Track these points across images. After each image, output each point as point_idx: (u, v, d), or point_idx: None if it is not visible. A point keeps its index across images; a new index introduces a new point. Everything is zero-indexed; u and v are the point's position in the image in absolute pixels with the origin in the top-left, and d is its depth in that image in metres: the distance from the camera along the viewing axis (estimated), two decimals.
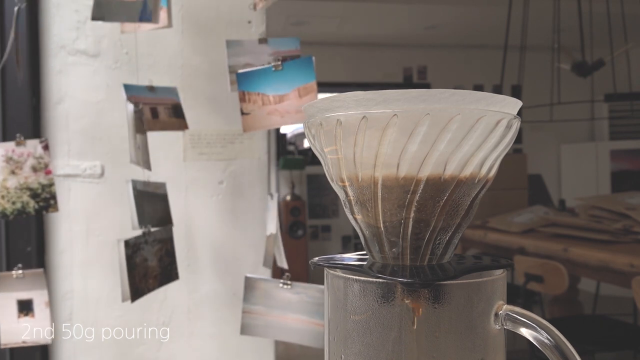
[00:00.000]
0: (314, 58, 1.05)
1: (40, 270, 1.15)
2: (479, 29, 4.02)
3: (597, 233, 2.19)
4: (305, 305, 1.15)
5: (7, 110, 1.32)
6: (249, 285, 1.18)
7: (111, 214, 1.36)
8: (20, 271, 1.12)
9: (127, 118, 1.13)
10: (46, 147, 1.14)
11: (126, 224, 1.18)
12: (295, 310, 1.16)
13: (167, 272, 1.20)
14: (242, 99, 1.10)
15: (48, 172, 1.13)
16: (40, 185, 1.12)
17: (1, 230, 1.34)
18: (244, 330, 1.18)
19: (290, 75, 1.07)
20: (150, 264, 1.15)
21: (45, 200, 1.12)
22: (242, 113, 1.10)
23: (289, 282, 1.16)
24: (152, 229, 1.16)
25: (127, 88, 1.18)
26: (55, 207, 1.13)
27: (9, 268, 1.30)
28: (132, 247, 1.11)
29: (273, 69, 1.08)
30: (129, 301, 1.09)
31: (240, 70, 1.11)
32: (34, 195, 1.12)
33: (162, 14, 1.14)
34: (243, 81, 1.10)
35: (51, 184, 1.13)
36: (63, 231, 1.36)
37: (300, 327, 1.16)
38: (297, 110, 1.06)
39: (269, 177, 1.43)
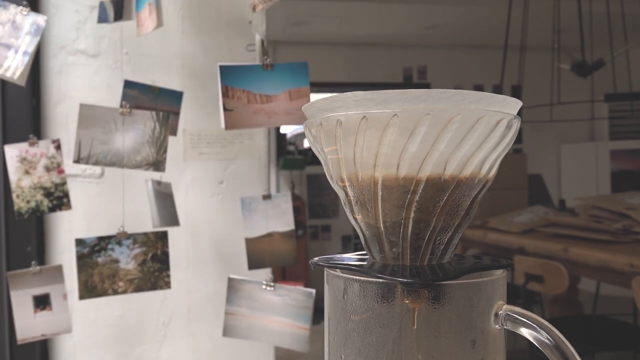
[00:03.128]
0: (308, 63, 1.05)
1: (59, 265, 1.18)
2: (479, 29, 4.02)
3: (597, 233, 2.19)
4: (288, 308, 1.13)
5: (7, 110, 1.32)
6: (232, 286, 1.16)
7: (111, 214, 1.36)
8: (37, 267, 1.15)
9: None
10: (58, 147, 1.16)
11: (126, 224, 1.19)
12: (278, 313, 1.14)
13: (151, 279, 1.17)
14: (225, 94, 1.04)
15: (61, 172, 1.16)
16: (53, 184, 1.15)
17: (1, 230, 1.34)
18: (227, 332, 1.16)
19: (281, 76, 1.05)
20: (122, 266, 1.15)
21: (58, 198, 1.15)
22: (225, 109, 1.04)
23: (271, 283, 1.14)
24: (130, 232, 1.16)
25: (128, 84, 1.18)
26: (68, 205, 1.15)
27: (9, 268, 1.31)
28: (90, 246, 1.13)
29: (262, 68, 1.06)
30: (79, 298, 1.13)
31: (222, 63, 1.06)
32: (48, 194, 1.14)
33: (154, 14, 1.14)
34: (227, 75, 1.05)
35: (64, 183, 1.15)
36: (63, 231, 1.36)
37: (283, 330, 1.14)
38: (287, 112, 1.03)
39: (268, 177, 1.43)
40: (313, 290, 1.13)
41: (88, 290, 1.13)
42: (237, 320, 1.16)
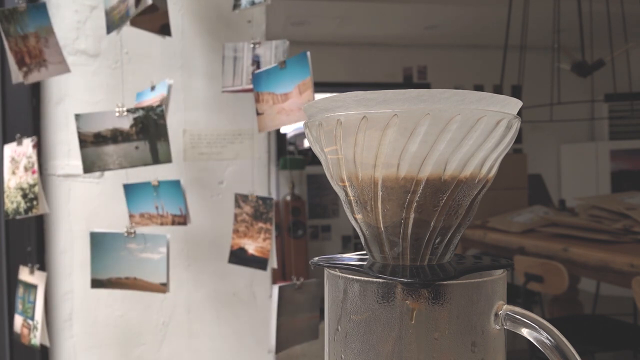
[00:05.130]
0: (309, 53, 1.05)
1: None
2: (479, 29, 4.02)
3: (597, 233, 2.19)
4: (309, 302, 1.17)
5: (7, 110, 1.32)
6: (283, 296, 1.14)
7: (111, 214, 1.36)
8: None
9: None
10: (35, 146, 1.11)
11: (125, 223, 1.19)
12: (304, 310, 1.16)
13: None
14: (257, 100, 1.11)
15: (33, 172, 1.10)
16: (28, 185, 1.10)
17: (1, 230, 1.34)
18: (280, 347, 1.14)
19: (291, 72, 1.07)
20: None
21: (30, 200, 1.09)
22: (257, 113, 1.11)
23: (298, 282, 1.17)
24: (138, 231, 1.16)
25: (139, 95, 1.19)
26: (37, 208, 1.08)
27: (9, 268, 1.31)
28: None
29: (279, 67, 1.08)
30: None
31: (256, 71, 1.12)
32: (24, 195, 1.10)
33: None
34: (257, 82, 1.11)
35: (35, 184, 1.09)
36: (63, 231, 1.36)
37: (304, 326, 1.17)
38: (298, 107, 1.05)
39: (269, 177, 1.43)
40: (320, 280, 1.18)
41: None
42: (283, 331, 1.15)
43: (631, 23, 2.71)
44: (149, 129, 1.10)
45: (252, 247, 1.15)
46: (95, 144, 1.08)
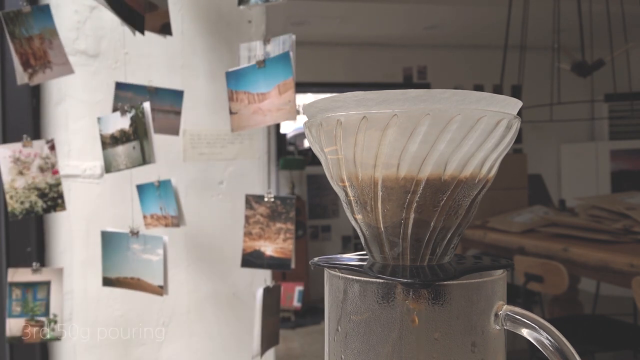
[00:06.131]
0: (292, 53, 1.05)
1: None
2: (479, 29, 4.02)
3: (597, 233, 2.18)
4: (273, 306, 1.18)
5: (7, 110, 1.32)
6: (267, 295, 1.16)
7: (111, 214, 1.36)
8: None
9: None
10: (52, 148, 1.15)
11: (126, 223, 1.19)
12: (270, 314, 1.17)
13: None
14: (231, 98, 1.10)
15: (55, 172, 1.14)
16: (47, 185, 1.14)
17: (1, 230, 1.34)
18: (265, 346, 1.16)
19: (271, 72, 1.07)
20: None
21: (52, 199, 1.14)
22: (231, 112, 1.10)
23: (270, 284, 1.19)
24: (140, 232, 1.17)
25: (120, 86, 1.18)
26: (62, 207, 1.14)
27: (9, 268, 1.30)
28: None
29: (257, 66, 1.08)
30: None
31: (230, 70, 1.11)
32: (42, 195, 1.13)
33: None
34: (231, 80, 1.10)
35: (58, 184, 1.14)
36: (63, 231, 1.36)
37: (271, 331, 1.17)
38: (278, 107, 1.05)
39: (269, 177, 1.43)
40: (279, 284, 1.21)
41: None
42: (267, 329, 1.16)
43: (631, 23, 2.71)
44: (138, 129, 1.10)
45: (270, 248, 1.13)
46: (110, 145, 1.10)
